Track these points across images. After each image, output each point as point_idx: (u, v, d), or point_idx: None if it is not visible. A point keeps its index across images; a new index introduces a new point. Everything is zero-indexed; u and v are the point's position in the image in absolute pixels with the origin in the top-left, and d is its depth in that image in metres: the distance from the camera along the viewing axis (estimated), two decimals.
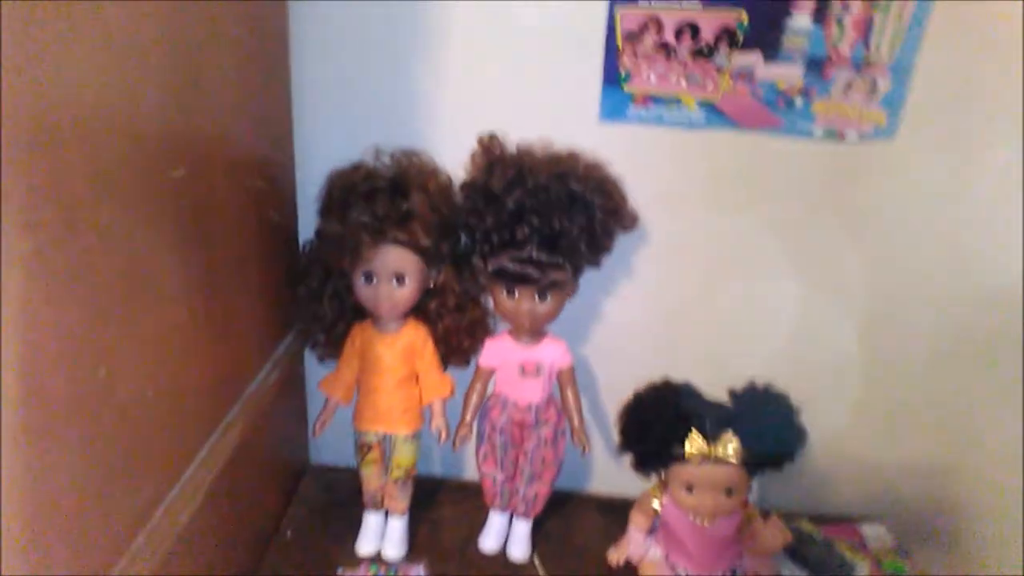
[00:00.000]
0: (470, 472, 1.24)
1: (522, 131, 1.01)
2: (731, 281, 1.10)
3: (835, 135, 0.98)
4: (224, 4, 0.80)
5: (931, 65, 0.95)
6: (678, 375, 1.02)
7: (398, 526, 1.10)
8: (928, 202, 1.03)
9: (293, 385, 1.16)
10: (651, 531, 1.04)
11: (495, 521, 1.12)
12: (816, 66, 0.95)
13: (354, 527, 1.10)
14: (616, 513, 1.10)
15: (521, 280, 0.96)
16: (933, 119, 0.98)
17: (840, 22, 0.92)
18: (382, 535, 1.10)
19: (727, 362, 1.12)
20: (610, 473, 1.23)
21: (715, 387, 0.98)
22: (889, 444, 1.19)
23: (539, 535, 1.12)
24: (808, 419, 0.95)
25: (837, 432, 1.17)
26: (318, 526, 1.13)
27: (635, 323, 1.14)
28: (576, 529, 1.16)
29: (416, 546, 1.10)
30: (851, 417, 1.17)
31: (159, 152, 0.68)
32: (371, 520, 1.10)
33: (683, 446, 0.92)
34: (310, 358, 1.14)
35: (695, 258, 1.09)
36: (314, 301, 1.03)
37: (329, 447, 1.22)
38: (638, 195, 1.02)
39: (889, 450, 1.19)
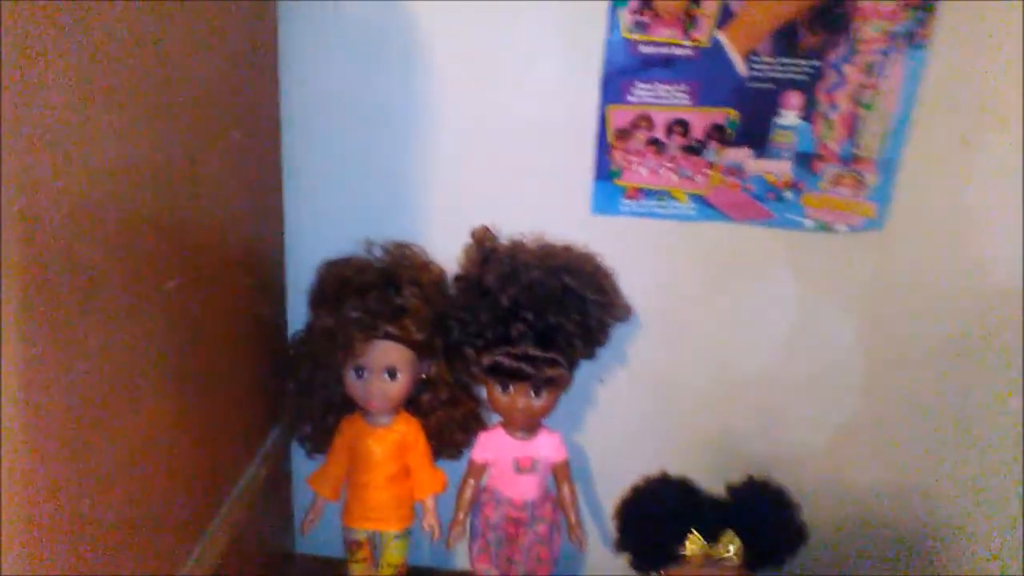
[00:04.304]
0: (461, 561, 1.20)
1: (515, 223, 1.01)
2: (729, 366, 1.10)
3: (825, 227, 0.99)
4: (217, 100, 0.80)
5: (917, 159, 0.97)
6: (676, 462, 1.00)
7: None
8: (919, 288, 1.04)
9: (280, 478, 1.12)
10: None
11: None
12: (805, 161, 0.96)
13: None
14: None
15: (516, 376, 0.94)
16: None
17: (828, 120, 0.94)
18: None
19: (729, 446, 1.11)
20: (605, 560, 1.20)
21: (716, 475, 0.96)
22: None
23: None
24: None
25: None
26: None
27: (630, 409, 1.12)
28: None
29: None
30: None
31: (152, 261, 0.66)
32: None
33: (682, 547, 0.91)
34: (297, 447, 1.11)
35: (689, 344, 1.09)
36: (302, 395, 1.01)
37: (315, 536, 1.18)
38: (631, 285, 1.02)
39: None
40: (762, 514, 0.93)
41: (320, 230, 1.05)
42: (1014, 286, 1.03)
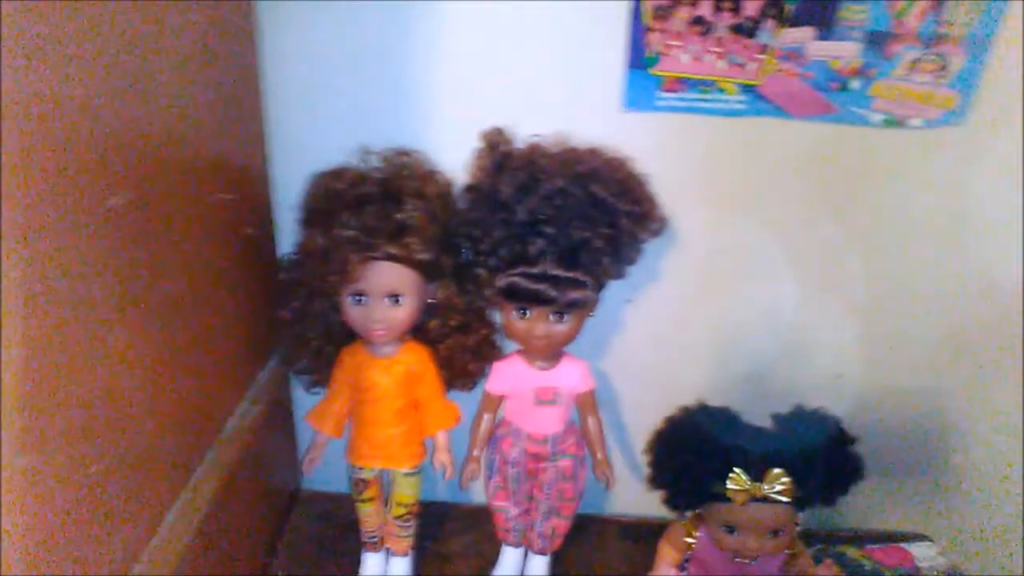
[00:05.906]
0: (479, 495, 1.13)
1: (533, 123, 0.87)
2: (774, 286, 0.98)
3: (896, 121, 0.85)
4: None
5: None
6: (713, 394, 0.90)
7: (401, 568, 0.99)
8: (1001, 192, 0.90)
9: (279, 413, 1.03)
10: (682, 564, 0.93)
11: (509, 556, 1.01)
12: (877, 42, 0.81)
13: (352, 564, 0.99)
14: (641, 539, 1.00)
15: (535, 299, 0.83)
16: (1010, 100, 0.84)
17: None
18: None
19: (774, 378, 1.01)
20: (633, 494, 1.11)
21: (758, 408, 0.86)
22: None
23: (556, 564, 1.01)
24: None
25: None
26: (312, 564, 1.02)
27: (663, 333, 1.01)
28: (597, 558, 1.05)
29: None
30: None
31: (91, 175, 0.54)
32: (370, 562, 0.99)
33: (724, 484, 0.81)
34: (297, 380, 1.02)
35: (732, 262, 0.97)
36: (296, 324, 0.90)
37: (321, 472, 1.10)
38: (668, 193, 0.89)
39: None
40: (813, 448, 0.83)
41: (308, 138, 0.91)
42: None
